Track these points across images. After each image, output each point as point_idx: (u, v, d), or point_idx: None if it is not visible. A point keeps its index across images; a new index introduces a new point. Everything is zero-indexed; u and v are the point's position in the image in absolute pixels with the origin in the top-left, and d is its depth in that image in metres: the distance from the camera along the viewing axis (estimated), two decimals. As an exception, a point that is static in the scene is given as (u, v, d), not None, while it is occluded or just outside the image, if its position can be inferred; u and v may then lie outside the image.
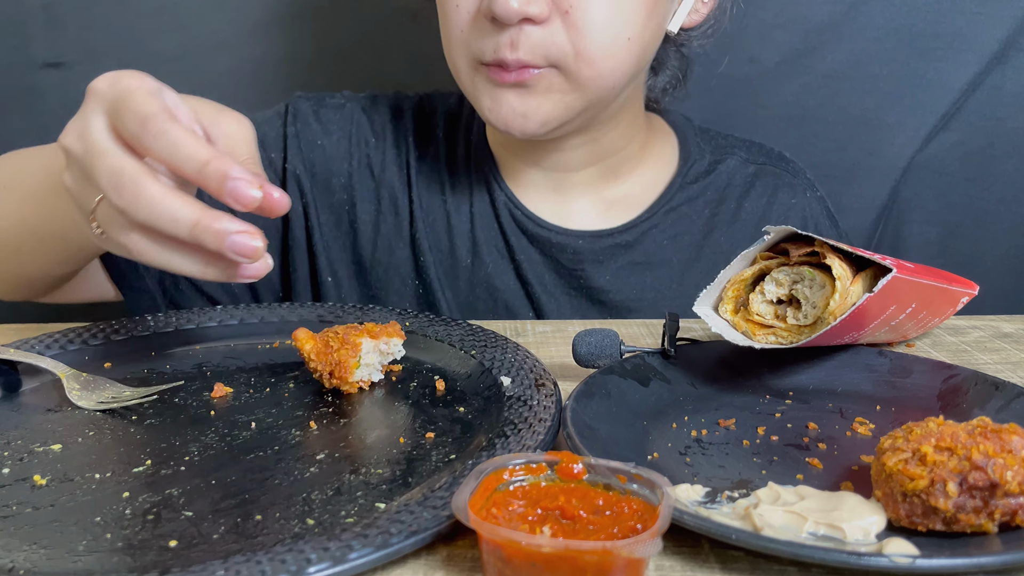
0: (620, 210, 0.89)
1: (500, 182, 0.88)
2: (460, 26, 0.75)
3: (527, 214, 0.87)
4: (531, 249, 0.88)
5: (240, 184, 0.50)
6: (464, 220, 0.89)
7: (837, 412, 0.58)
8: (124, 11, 1.12)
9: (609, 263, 0.87)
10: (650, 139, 0.91)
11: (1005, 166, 1.12)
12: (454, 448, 0.54)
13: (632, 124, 0.88)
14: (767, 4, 1.09)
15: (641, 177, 0.90)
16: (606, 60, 0.74)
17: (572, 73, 0.74)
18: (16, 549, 0.44)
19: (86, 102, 0.57)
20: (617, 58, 0.74)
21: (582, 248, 0.87)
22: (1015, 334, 0.75)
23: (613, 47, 0.74)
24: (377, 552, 0.41)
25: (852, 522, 0.42)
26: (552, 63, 0.73)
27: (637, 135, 0.89)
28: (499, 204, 0.88)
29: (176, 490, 0.49)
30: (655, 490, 0.41)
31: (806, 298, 0.59)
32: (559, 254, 0.87)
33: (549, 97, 0.75)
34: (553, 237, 0.87)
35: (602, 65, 0.74)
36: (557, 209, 0.88)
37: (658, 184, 0.90)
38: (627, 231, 0.87)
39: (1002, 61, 1.08)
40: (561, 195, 0.88)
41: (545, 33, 0.72)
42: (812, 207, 0.94)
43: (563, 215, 0.88)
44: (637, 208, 0.89)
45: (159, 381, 0.65)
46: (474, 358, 0.65)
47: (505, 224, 0.88)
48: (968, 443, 0.42)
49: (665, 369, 0.61)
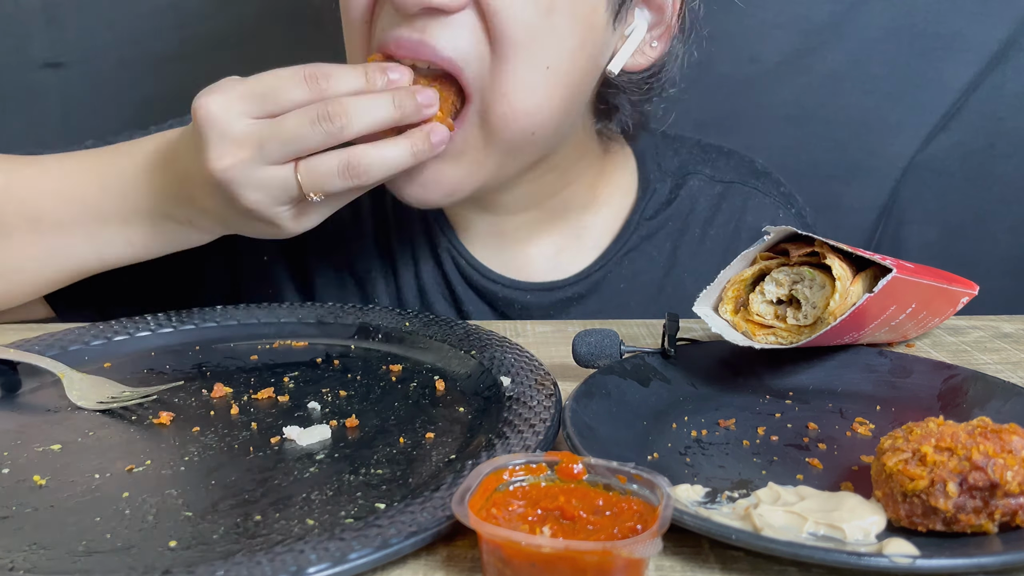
0: (572, 255, 0.82)
1: (444, 229, 0.81)
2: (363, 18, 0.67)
3: (472, 264, 0.80)
4: (478, 301, 0.81)
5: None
6: (408, 265, 0.82)
7: (837, 412, 0.58)
8: (124, 11, 1.13)
9: (561, 317, 0.81)
10: (603, 174, 0.83)
11: (1005, 166, 1.12)
12: (454, 448, 0.54)
13: (576, 164, 0.79)
14: (767, 4, 1.09)
15: (594, 216, 0.82)
16: (524, 94, 0.65)
17: (487, 110, 0.65)
18: (16, 549, 0.44)
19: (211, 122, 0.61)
20: (535, 93, 0.65)
21: (530, 303, 0.80)
22: (1015, 334, 0.75)
23: (531, 77, 0.65)
24: (377, 552, 0.41)
25: (852, 522, 0.42)
26: (466, 74, 0.64)
27: (584, 173, 0.81)
28: (443, 254, 0.81)
29: (176, 490, 0.49)
30: (655, 490, 0.41)
31: (806, 298, 0.59)
32: (507, 308, 0.81)
33: (463, 158, 0.67)
34: (500, 291, 0.80)
35: (519, 100, 0.65)
36: (505, 257, 0.81)
37: (614, 222, 0.82)
38: (579, 282, 0.80)
39: (1002, 61, 1.08)
40: (507, 240, 0.81)
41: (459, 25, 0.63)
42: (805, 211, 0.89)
43: (510, 263, 0.81)
44: (591, 252, 0.81)
45: (159, 381, 0.65)
46: (474, 358, 0.65)
47: (450, 273, 0.81)
48: (968, 443, 0.42)
49: (665, 369, 0.61)
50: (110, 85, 1.15)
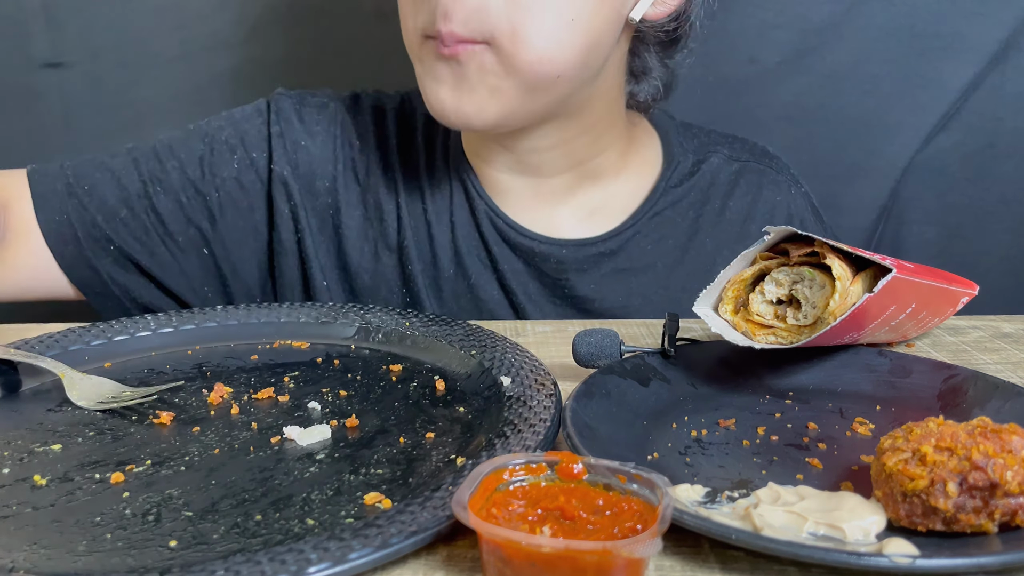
0: (602, 217, 0.87)
1: (480, 190, 0.86)
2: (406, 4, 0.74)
3: (509, 223, 0.85)
4: (514, 259, 0.85)
5: None
6: (445, 230, 0.86)
7: (837, 412, 0.58)
8: (124, 11, 1.13)
9: (593, 271, 0.85)
10: (632, 144, 0.89)
11: (1005, 166, 1.12)
12: (454, 448, 0.54)
13: (609, 129, 0.85)
14: (767, 4, 1.09)
15: (624, 183, 0.88)
16: (546, 42, 0.70)
17: (507, 55, 0.70)
18: (16, 549, 0.44)
19: None
20: (559, 41, 0.70)
21: (566, 257, 0.85)
22: (1015, 334, 0.75)
23: (554, 27, 0.70)
24: (377, 552, 0.41)
25: (852, 522, 0.42)
26: (486, 38, 0.70)
27: (616, 142, 0.87)
28: (479, 213, 0.85)
29: (176, 490, 0.50)
30: (655, 490, 0.41)
31: (806, 298, 0.59)
32: (542, 263, 0.85)
33: (483, 82, 0.72)
34: (536, 247, 0.84)
35: (542, 48, 0.70)
36: (538, 217, 0.86)
37: (641, 189, 0.88)
38: (611, 239, 0.86)
39: (1002, 61, 1.08)
40: (541, 202, 0.86)
41: (480, 4, 0.69)
42: (797, 203, 0.93)
43: (545, 223, 0.86)
44: (620, 215, 0.87)
45: (159, 381, 0.65)
46: (474, 358, 0.65)
47: (487, 233, 0.85)
48: (968, 443, 0.42)
49: (665, 369, 0.61)
50: (110, 85, 1.15)
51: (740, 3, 1.09)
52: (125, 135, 1.16)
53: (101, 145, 1.16)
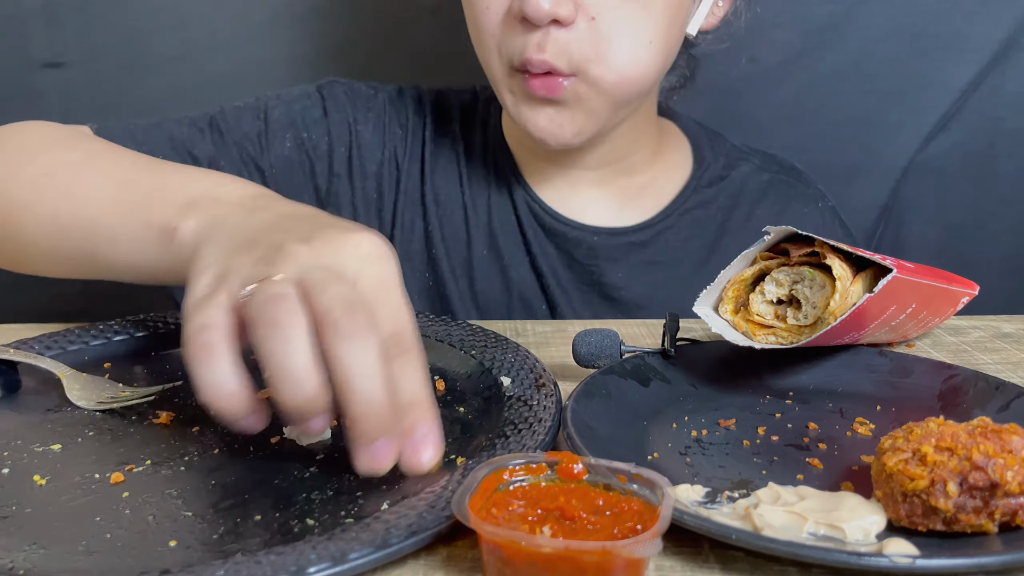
0: (634, 210, 0.90)
1: (518, 176, 0.89)
2: (491, 29, 0.76)
3: (545, 208, 0.88)
4: (547, 243, 0.89)
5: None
6: (482, 212, 0.90)
7: (837, 412, 0.58)
8: (124, 11, 1.13)
9: (623, 261, 0.88)
10: (663, 144, 0.92)
11: (1005, 166, 1.12)
12: (454, 448, 0.54)
13: (644, 126, 0.89)
14: (767, 4, 1.09)
15: (655, 180, 0.91)
16: (630, 66, 0.75)
17: (596, 80, 0.75)
18: (16, 549, 0.44)
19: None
20: (642, 63, 0.76)
21: (597, 244, 0.88)
22: (1015, 334, 0.75)
23: (636, 53, 0.75)
24: (377, 552, 0.41)
25: (852, 522, 0.42)
26: (575, 69, 0.74)
27: (649, 139, 0.90)
28: (517, 198, 0.89)
29: (176, 490, 0.49)
30: (655, 490, 0.41)
31: (806, 298, 0.59)
32: (574, 249, 0.88)
33: (581, 108, 0.77)
34: (569, 232, 0.88)
35: (627, 71, 0.75)
36: (573, 205, 0.89)
37: (672, 187, 0.91)
38: (642, 230, 0.88)
39: (1002, 61, 1.08)
40: (576, 192, 0.89)
41: (571, 36, 0.73)
42: (825, 217, 0.94)
43: (579, 211, 0.89)
44: (651, 209, 0.90)
45: (159, 381, 0.65)
46: (474, 358, 0.65)
47: (523, 217, 0.89)
48: (968, 443, 0.42)
49: (665, 369, 0.61)
50: (110, 85, 1.15)
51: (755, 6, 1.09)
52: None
53: (101, 145, 1.16)
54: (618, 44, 0.74)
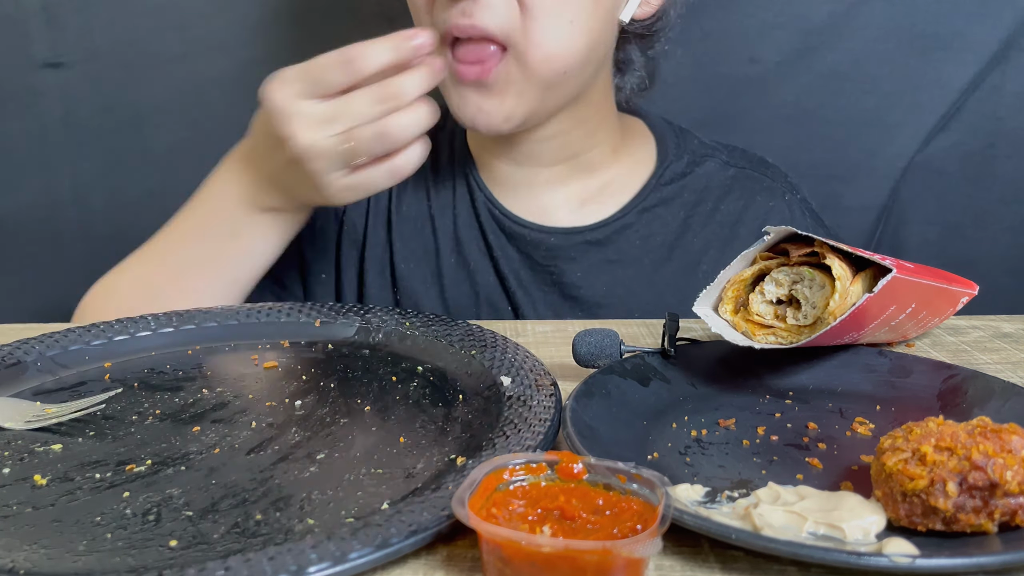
0: (593, 208, 0.91)
1: (479, 182, 0.92)
2: (424, 6, 0.79)
3: (504, 212, 0.90)
4: (508, 247, 0.90)
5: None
6: (448, 221, 0.92)
7: (837, 412, 0.58)
8: (124, 11, 1.12)
9: (582, 259, 0.89)
10: (625, 141, 0.93)
11: (1005, 166, 1.12)
12: (454, 448, 0.54)
13: (601, 123, 0.90)
14: (767, 4, 1.09)
15: (615, 177, 0.92)
16: (554, 43, 0.78)
17: (522, 56, 0.77)
18: (16, 549, 0.44)
19: (279, 110, 0.73)
20: (564, 41, 0.78)
21: (555, 245, 0.89)
22: (1015, 334, 0.75)
23: (559, 31, 0.78)
24: (377, 552, 0.41)
25: (852, 522, 0.42)
26: (502, 35, 0.76)
27: (608, 137, 0.91)
28: (479, 204, 0.91)
29: (176, 490, 0.50)
30: (655, 490, 0.41)
31: (806, 298, 0.59)
32: (533, 251, 0.89)
33: (509, 91, 0.79)
34: (528, 234, 0.89)
35: (551, 48, 0.78)
36: (531, 206, 0.91)
37: (634, 184, 0.92)
38: (600, 228, 0.89)
39: (1002, 61, 1.08)
40: (535, 191, 0.91)
41: (496, 3, 0.76)
42: (793, 210, 0.94)
43: (538, 212, 0.90)
44: (611, 207, 0.91)
45: (159, 381, 0.65)
46: (474, 358, 0.65)
47: (485, 223, 0.91)
48: (968, 443, 0.42)
49: (665, 369, 0.61)
50: (110, 85, 1.14)
51: (740, 3, 1.09)
52: (125, 135, 1.17)
53: (101, 145, 1.16)
54: (542, 19, 0.76)
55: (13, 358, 0.67)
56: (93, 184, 1.17)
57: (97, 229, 1.19)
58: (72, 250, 1.19)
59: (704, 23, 1.10)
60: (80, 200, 1.18)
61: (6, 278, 1.19)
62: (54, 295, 1.20)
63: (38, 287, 1.20)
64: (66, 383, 0.65)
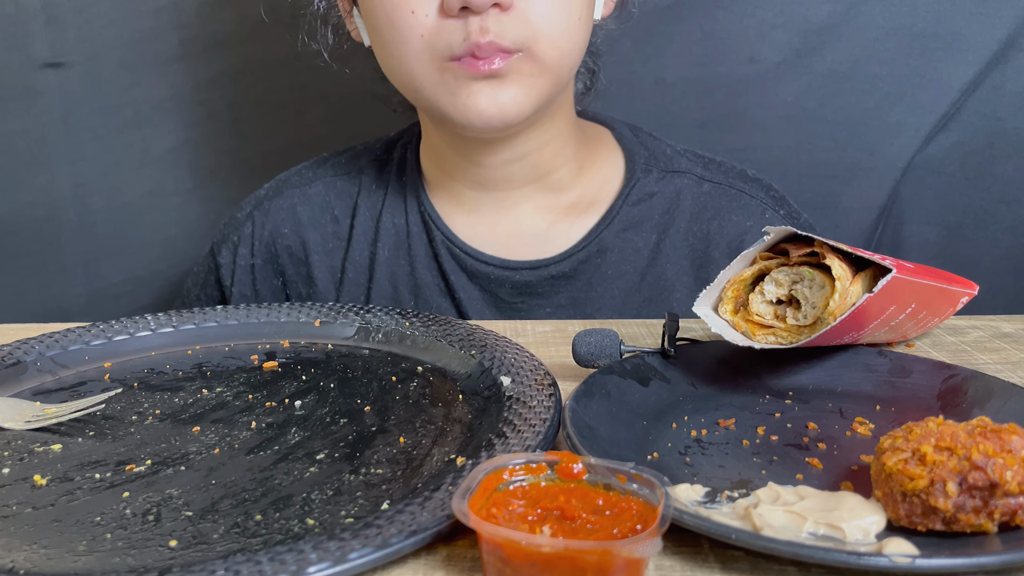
0: (562, 229, 0.87)
1: (436, 221, 0.88)
2: (419, 31, 0.75)
3: (466, 250, 0.87)
4: (471, 286, 0.87)
5: None
6: (404, 265, 0.89)
7: (837, 412, 0.58)
8: (124, 11, 1.13)
9: (549, 296, 0.86)
10: (590, 154, 0.90)
11: (1005, 166, 1.12)
12: (454, 448, 0.54)
13: (570, 138, 0.87)
14: (767, 4, 1.09)
15: (580, 197, 0.88)
16: (568, 40, 0.78)
17: (539, 56, 0.76)
18: (16, 549, 0.44)
19: None
20: (575, 38, 0.78)
21: (520, 282, 0.86)
22: (1015, 334, 0.75)
23: (570, 28, 0.77)
24: (377, 552, 0.41)
25: (852, 522, 0.42)
26: (519, 46, 0.75)
27: (575, 151, 0.88)
28: (437, 243, 0.88)
29: (176, 490, 0.50)
30: (655, 490, 0.41)
31: (806, 298, 0.59)
32: (498, 289, 0.86)
33: (521, 84, 0.76)
34: (492, 272, 0.86)
35: (565, 45, 0.78)
36: (496, 233, 0.88)
37: (599, 205, 0.88)
38: (566, 260, 0.86)
39: (1002, 61, 1.08)
40: (500, 216, 0.88)
41: (513, 18, 0.74)
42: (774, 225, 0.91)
43: (503, 240, 0.87)
44: (578, 230, 0.87)
45: (159, 381, 0.65)
46: (474, 358, 0.65)
47: (444, 263, 0.87)
48: (968, 443, 0.42)
49: (665, 369, 0.61)
50: (110, 85, 1.15)
51: (740, 3, 1.09)
52: (125, 135, 1.17)
53: (101, 145, 1.16)
54: (554, 20, 0.76)
55: (13, 358, 0.67)
56: (93, 184, 1.17)
57: (97, 229, 1.19)
58: (72, 250, 1.19)
59: (704, 23, 1.10)
60: (80, 200, 1.18)
61: (6, 278, 1.19)
62: (54, 295, 1.20)
63: (38, 287, 1.20)
64: (66, 383, 0.65)
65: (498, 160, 0.85)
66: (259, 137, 1.18)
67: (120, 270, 1.20)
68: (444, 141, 0.86)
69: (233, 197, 1.10)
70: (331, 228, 0.92)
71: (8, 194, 1.17)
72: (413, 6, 0.74)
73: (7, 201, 1.17)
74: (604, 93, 0.99)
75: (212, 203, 1.18)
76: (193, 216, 1.19)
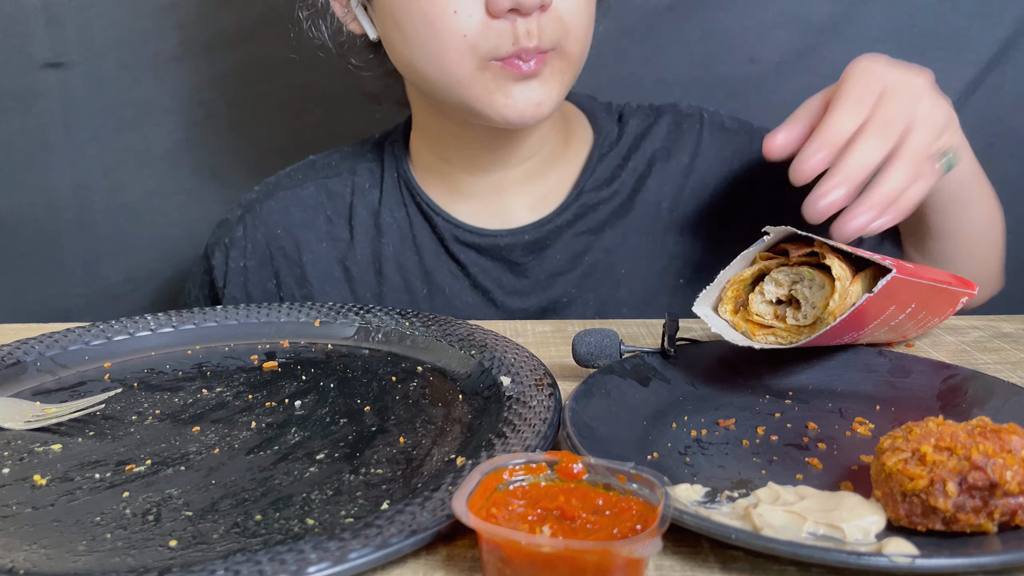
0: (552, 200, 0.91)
1: (437, 209, 0.90)
2: (461, 31, 0.74)
3: (470, 229, 0.89)
4: (482, 259, 0.90)
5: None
6: (411, 256, 0.91)
7: (837, 412, 0.58)
8: (124, 11, 1.13)
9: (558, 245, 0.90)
10: (569, 127, 0.94)
11: (1005, 166, 1.11)
12: (454, 448, 0.54)
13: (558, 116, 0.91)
14: (767, 4, 1.09)
15: (567, 166, 0.92)
16: (587, 36, 0.81)
17: (567, 52, 0.78)
18: (16, 549, 0.44)
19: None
20: (590, 32, 0.82)
21: (529, 241, 0.89)
22: (1015, 334, 0.75)
23: (588, 24, 0.81)
24: (377, 552, 0.41)
25: (852, 522, 0.42)
26: (554, 44, 0.77)
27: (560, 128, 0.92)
28: (440, 229, 0.90)
29: (176, 490, 0.50)
30: (655, 490, 0.41)
31: (805, 298, 0.59)
32: (509, 254, 0.89)
33: (553, 80, 0.79)
34: (500, 240, 0.89)
35: (586, 40, 0.81)
36: (496, 215, 0.90)
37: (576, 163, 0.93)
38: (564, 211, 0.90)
39: (1002, 61, 1.08)
40: (500, 197, 0.91)
41: (548, 18, 0.75)
42: (703, 136, 0.94)
43: (503, 219, 0.90)
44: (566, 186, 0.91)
45: (159, 381, 0.65)
46: (474, 358, 0.65)
47: (451, 246, 0.90)
48: (968, 443, 0.42)
49: (665, 369, 0.61)
50: (110, 85, 1.15)
51: (740, 3, 1.09)
52: (125, 135, 1.17)
53: (101, 145, 1.16)
54: (580, 18, 0.78)
55: (13, 358, 0.67)
56: (93, 184, 1.17)
57: (97, 229, 1.19)
58: (72, 250, 1.19)
59: (704, 23, 1.10)
60: (80, 200, 1.18)
61: (6, 278, 1.19)
62: (54, 295, 1.20)
63: (38, 287, 1.20)
64: (66, 383, 0.65)
65: (522, 149, 0.88)
66: (259, 137, 1.18)
67: (120, 270, 1.20)
68: (449, 132, 0.87)
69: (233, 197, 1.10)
70: (325, 228, 0.93)
71: (8, 194, 1.17)
72: (455, 6, 0.74)
73: (7, 201, 1.17)
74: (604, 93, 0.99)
75: (212, 203, 1.18)
76: (193, 216, 1.19)
